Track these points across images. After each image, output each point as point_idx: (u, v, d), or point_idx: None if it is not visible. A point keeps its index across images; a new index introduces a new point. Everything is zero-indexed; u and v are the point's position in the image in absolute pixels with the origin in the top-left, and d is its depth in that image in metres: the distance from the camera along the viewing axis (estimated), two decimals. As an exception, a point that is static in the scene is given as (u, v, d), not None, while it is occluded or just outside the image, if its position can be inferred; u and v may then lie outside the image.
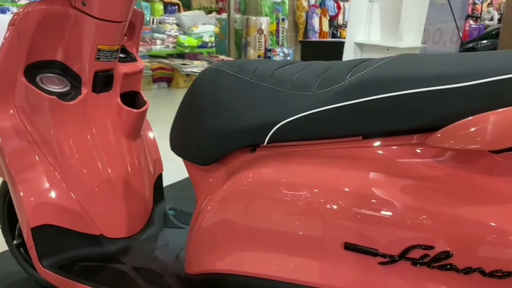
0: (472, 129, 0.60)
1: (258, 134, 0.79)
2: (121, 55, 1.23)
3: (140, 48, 4.98)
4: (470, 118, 0.61)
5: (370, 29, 2.48)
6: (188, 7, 6.47)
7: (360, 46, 2.54)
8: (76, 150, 1.15)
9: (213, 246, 0.85)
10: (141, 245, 1.23)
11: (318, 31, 6.64)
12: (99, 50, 1.08)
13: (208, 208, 0.84)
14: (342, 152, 0.74)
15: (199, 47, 5.70)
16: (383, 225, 0.66)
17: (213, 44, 5.87)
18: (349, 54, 2.62)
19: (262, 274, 0.78)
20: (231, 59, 5.67)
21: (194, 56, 5.75)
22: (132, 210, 1.25)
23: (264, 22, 5.84)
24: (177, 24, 5.68)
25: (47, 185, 1.13)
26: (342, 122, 0.72)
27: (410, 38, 2.41)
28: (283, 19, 6.26)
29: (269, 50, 5.94)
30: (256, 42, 5.76)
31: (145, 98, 1.30)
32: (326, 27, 6.71)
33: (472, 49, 3.36)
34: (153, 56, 5.44)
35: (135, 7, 1.21)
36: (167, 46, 5.51)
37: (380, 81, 0.69)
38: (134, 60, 1.28)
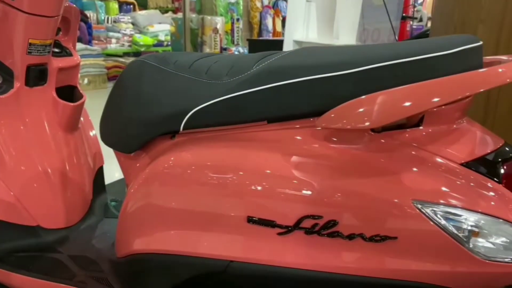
0: (360, 109, 0.67)
1: (174, 121, 0.85)
2: (56, 50, 1.26)
3: (95, 47, 4.82)
4: (352, 100, 0.69)
5: (308, 28, 2.60)
6: (144, 6, 6.42)
7: (299, 43, 2.65)
8: (9, 143, 1.16)
9: (137, 227, 0.89)
10: (79, 235, 1.26)
11: (272, 31, 6.79)
12: (30, 44, 1.11)
13: (132, 191, 0.89)
14: (249, 136, 0.81)
15: (154, 45, 5.69)
16: (280, 199, 0.74)
17: (169, 43, 5.87)
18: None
19: (178, 251, 0.83)
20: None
21: (150, 55, 5.72)
22: (70, 201, 1.27)
23: (219, 22, 5.91)
24: (133, 23, 5.65)
25: None
26: (248, 107, 0.79)
27: (345, 37, 2.54)
28: (237, 19, 6.35)
29: (225, 49, 6.01)
30: (211, 41, 5.82)
31: (81, 92, 1.33)
32: (279, 27, 6.87)
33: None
34: (109, 55, 5.39)
35: (69, 3, 1.24)
36: (123, 45, 5.49)
37: (279, 69, 0.76)
38: (70, 55, 1.31)
